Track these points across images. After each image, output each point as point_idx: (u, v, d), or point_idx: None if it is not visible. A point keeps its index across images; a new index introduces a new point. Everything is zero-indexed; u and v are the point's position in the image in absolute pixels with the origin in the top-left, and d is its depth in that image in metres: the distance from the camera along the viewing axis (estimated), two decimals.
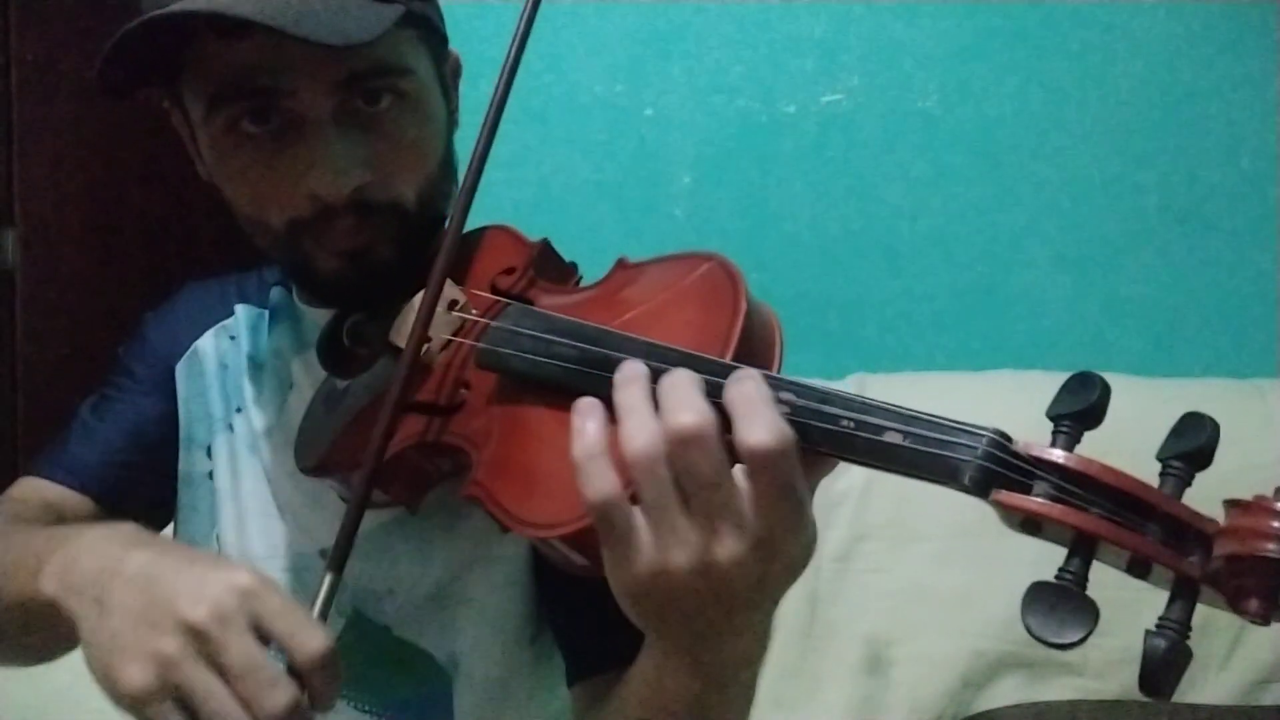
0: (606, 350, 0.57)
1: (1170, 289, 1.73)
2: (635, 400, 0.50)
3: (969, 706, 1.44)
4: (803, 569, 0.51)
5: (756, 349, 0.56)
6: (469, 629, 0.79)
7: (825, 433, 0.50)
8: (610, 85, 1.77)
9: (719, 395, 0.49)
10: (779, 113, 1.76)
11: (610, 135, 1.78)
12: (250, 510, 0.84)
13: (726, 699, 0.57)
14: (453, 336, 0.69)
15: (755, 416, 0.48)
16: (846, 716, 1.44)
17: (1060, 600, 0.46)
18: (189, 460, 0.88)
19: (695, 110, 1.77)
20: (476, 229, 0.79)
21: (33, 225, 1.74)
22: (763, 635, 0.55)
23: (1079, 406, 0.48)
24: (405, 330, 0.69)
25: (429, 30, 0.75)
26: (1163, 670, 0.45)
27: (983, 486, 0.47)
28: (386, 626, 0.80)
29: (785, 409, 0.50)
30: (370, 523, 0.78)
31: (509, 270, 0.73)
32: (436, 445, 0.66)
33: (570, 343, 0.59)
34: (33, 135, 1.71)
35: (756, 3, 1.75)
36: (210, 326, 0.90)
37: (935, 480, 0.48)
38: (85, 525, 0.65)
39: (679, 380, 0.50)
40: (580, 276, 0.76)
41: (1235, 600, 0.45)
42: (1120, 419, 0.50)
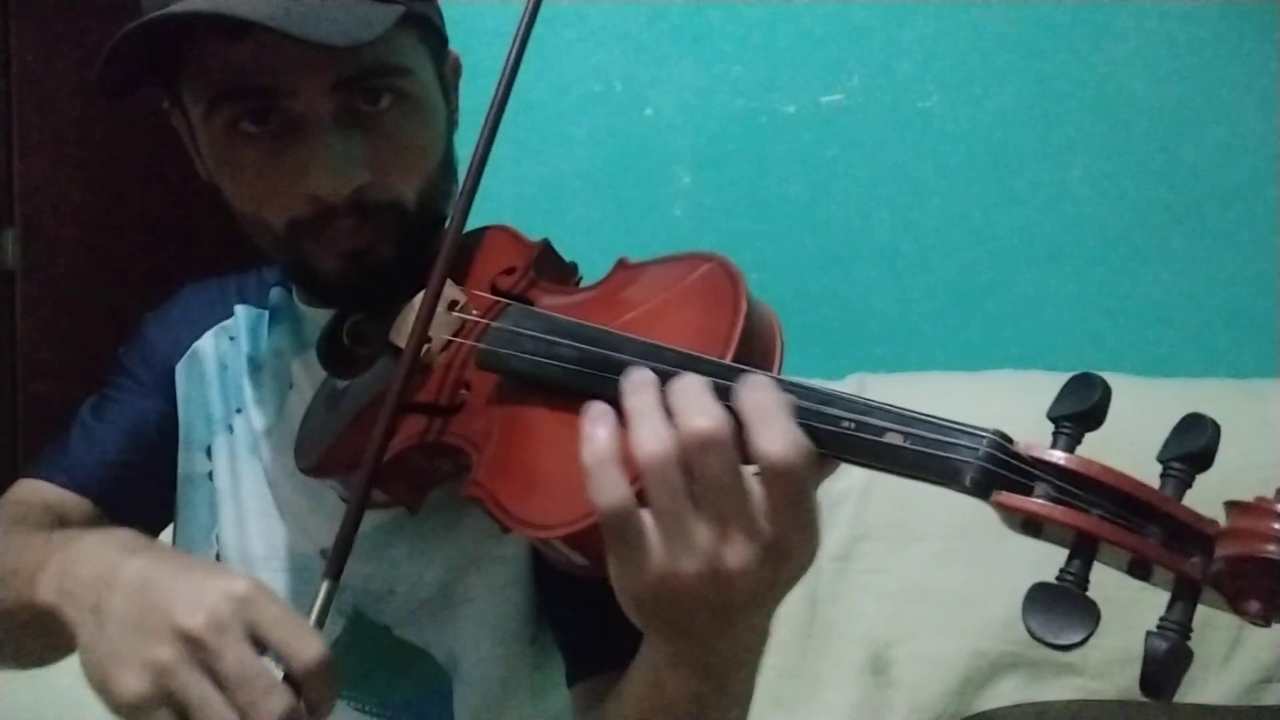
0: (607, 351, 0.57)
1: (1170, 289, 1.72)
2: (647, 405, 0.50)
3: (969, 707, 1.44)
4: (806, 571, 0.51)
5: (757, 349, 0.56)
6: (469, 629, 0.79)
7: (827, 434, 0.50)
8: (610, 85, 1.77)
9: (724, 397, 0.49)
10: (779, 113, 1.76)
11: (610, 135, 1.78)
12: (250, 510, 0.84)
13: (726, 697, 0.57)
14: (453, 337, 0.69)
15: (773, 426, 0.48)
16: (846, 717, 1.44)
17: (1061, 601, 0.46)
18: (188, 461, 0.88)
19: (695, 110, 1.77)
20: (477, 229, 0.79)
21: (33, 225, 1.74)
22: (763, 634, 0.55)
23: (1080, 408, 0.48)
24: (405, 330, 0.69)
25: (429, 30, 0.75)
26: (1164, 671, 0.45)
27: (983, 488, 0.47)
28: (386, 626, 0.80)
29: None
30: (370, 523, 0.78)
31: (509, 270, 0.73)
32: (437, 445, 0.66)
33: (571, 343, 0.59)
34: (33, 135, 1.72)
35: (756, 3, 1.75)
36: (210, 327, 0.90)
37: (936, 481, 0.48)
38: (83, 531, 0.65)
39: (690, 384, 0.50)
40: (580, 277, 0.76)
41: (1236, 601, 0.45)
42: (1120, 419, 0.50)
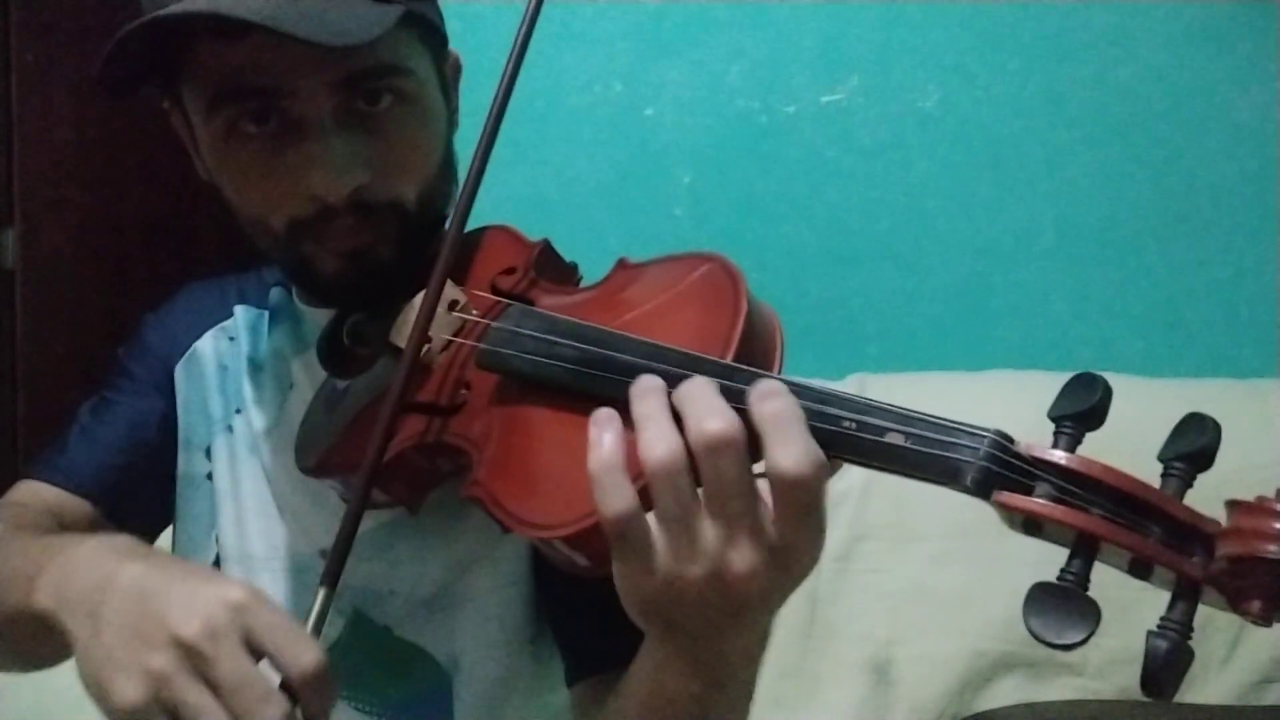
0: (608, 351, 0.57)
1: (1170, 289, 1.72)
2: (654, 410, 0.50)
3: (969, 707, 1.44)
4: (810, 573, 0.51)
5: (757, 350, 0.56)
6: (469, 629, 0.79)
7: (827, 434, 0.50)
8: (610, 85, 1.77)
9: (728, 398, 0.49)
10: (779, 113, 1.76)
11: (610, 135, 1.78)
12: (250, 511, 0.84)
13: (727, 698, 0.57)
14: (453, 337, 0.69)
15: (791, 440, 0.47)
16: (846, 717, 1.44)
17: (1062, 601, 0.46)
18: (188, 461, 0.88)
19: (695, 110, 1.77)
20: (477, 229, 0.79)
21: (33, 225, 1.74)
22: (764, 634, 0.55)
23: (1081, 407, 0.48)
24: (405, 331, 0.69)
25: (429, 30, 0.75)
26: (1165, 671, 0.45)
27: (984, 487, 0.47)
28: (387, 627, 0.80)
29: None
30: (370, 523, 0.78)
31: (509, 270, 0.73)
32: (437, 445, 0.66)
33: (571, 343, 0.59)
34: (33, 135, 1.72)
35: (756, 3, 1.75)
36: (209, 328, 0.90)
37: (937, 481, 0.48)
38: (81, 536, 0.65)
39: (700, 387, 0.49)
40: (581, 277, 0.76)
41: (1237, 601, 0.45)
42: (1120, 419, 0.50)
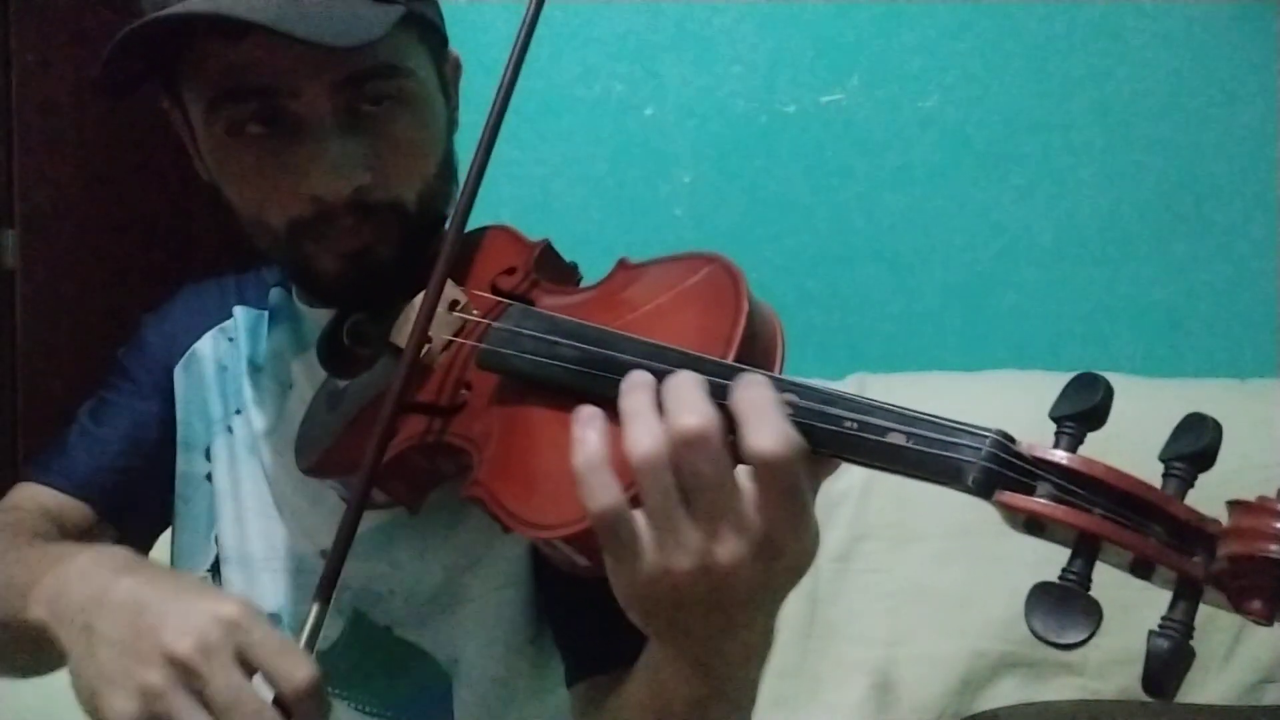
0: (608, 351, 0.57)
1: (1170, 289, 1.72)
2: (640, 406, 0.50)
3: (969, 707, 1.44)
4: (806, 569, 0.51)
5: (758, 350, 0.56)
6: (469, 629, 0.79)
7: (829, 434, 0.50)
8: (610, 85, 1.77)
9: (723, 397, 0.49)
10: (779, 113, 1.76)
11: (610, 135, 1.78)
12: (250, 511, 0.84)
13: (728, 700, 0.57)
14: (454, 337, 0.69)
15: (763, 423, 0.48)
16: (846, 717, 1.44)
17: (1064, 601, 0.46)
18: (187, 462, 0.88)
19: (695, 110, 1.76)
20: (477, 229, 0.79)
21: (33, 225, 1.74)
22: (765, 635, 0.55)
23: (1082, 407, 0.48)
24: (406, 331, 0.69)
25: (429, 30, 0.75)
26: (1166, 670, 0.45)
27: (986, 487, 0.47)
28: (387, 627, 0.80)
29: (788, 411, 0.50)
30: (371, 523, 0.78)
31: (510, 270, 0.73)
32: (437, 446, 0.66)
33: (572, 343, 0.59)
34: (33, 135, 1.71)
35: (756, 3, 1.75)
36: (209, 328, 0.90)
37: (938, 481, 0.48)
38: (77, 547, 0.65)
39: (682, 382, 0.50)
40: (581, 277, 0.76)
41: (1238, 601, 0.45)
42: (1121, 419, 0.50)
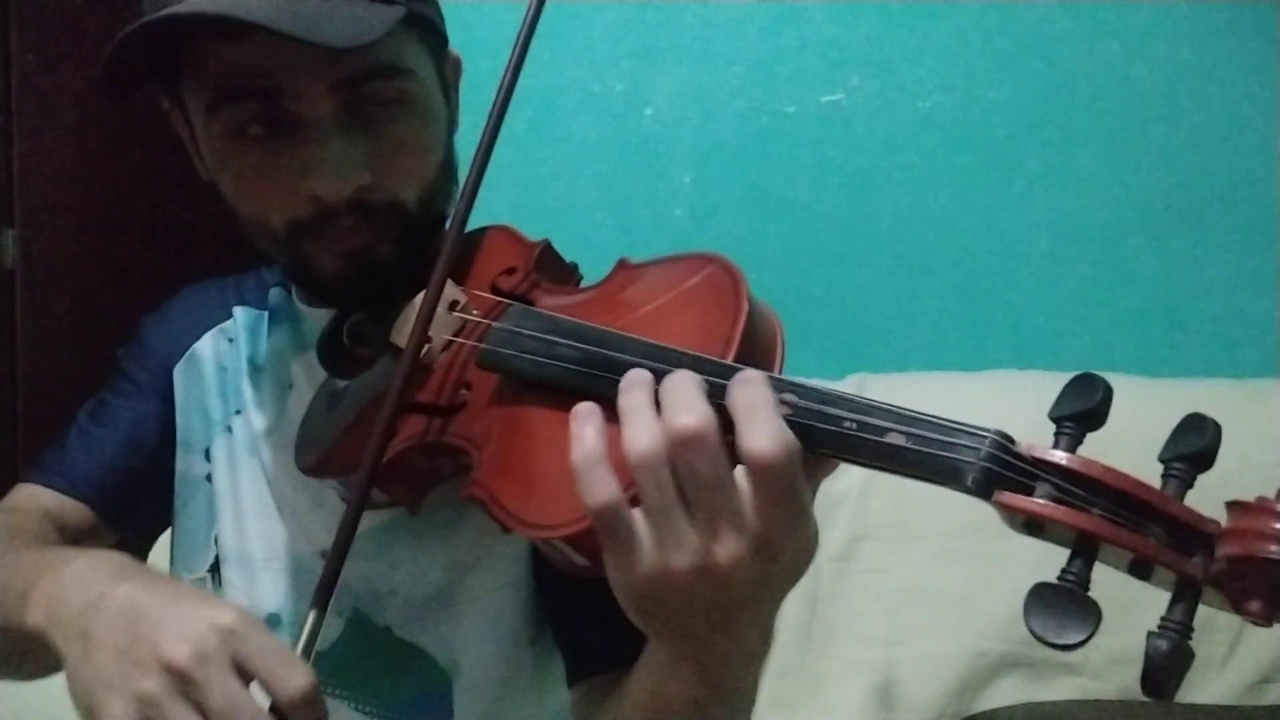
0: (608, 351, 0.57)
1: (1170, 289, 1.73)
2: (638, 404, 0.50)
3: (969, 707, 1.44)
4: (805, 569, 0.51)
5: (758, 350, 0.56)
6: (469, 629, 0.79)
7: (828, 434, 0.50)
8: (610, 85, 1.77)
9: (722, 397, 0.49)
10: (779, 113, 1.76)
11: (610, 135, 1.78)
12: (249, 512, 0.84)
13: (728, 700, 0.57)
14: (454, 337, 0.69)
15: (758, 423, 0.48)
16: (846, 717, 1.44)
17: (1063, 601, 0.46)
18: (187, 463, 0.88)
19: (695, 110, 1.77)
20: (477, 229, 0.79)
21: (33, 225, 1.74)
22: (765, 635, 0.55)
23: (1081, 408, 0.48)
24: (406, 330, 0.69)
25: (429, 31, 0.75)
26: (1165, 671, 0.45)
27: (985, 488, 0.47)
28: (387, 627, 0.80)
29: (787, 410, 0.50)
30: (370, 523, 0.78)
31: (510, 271, 0.73)
32: (437, 446, 0.66)
33: (572, 344, 0.59)
34: (33, 135, 1.72)
35: (756, 3, 1.75)
36: (208, 329, 0.90)
37: (937, 481, 0.48)
38: (75, 552, 0.65)
39: (680, 381, 0.50)
40: (581, 277, 0.76)
41: (1237, 601, 0.45)
42: (1120, 419, 0.50)
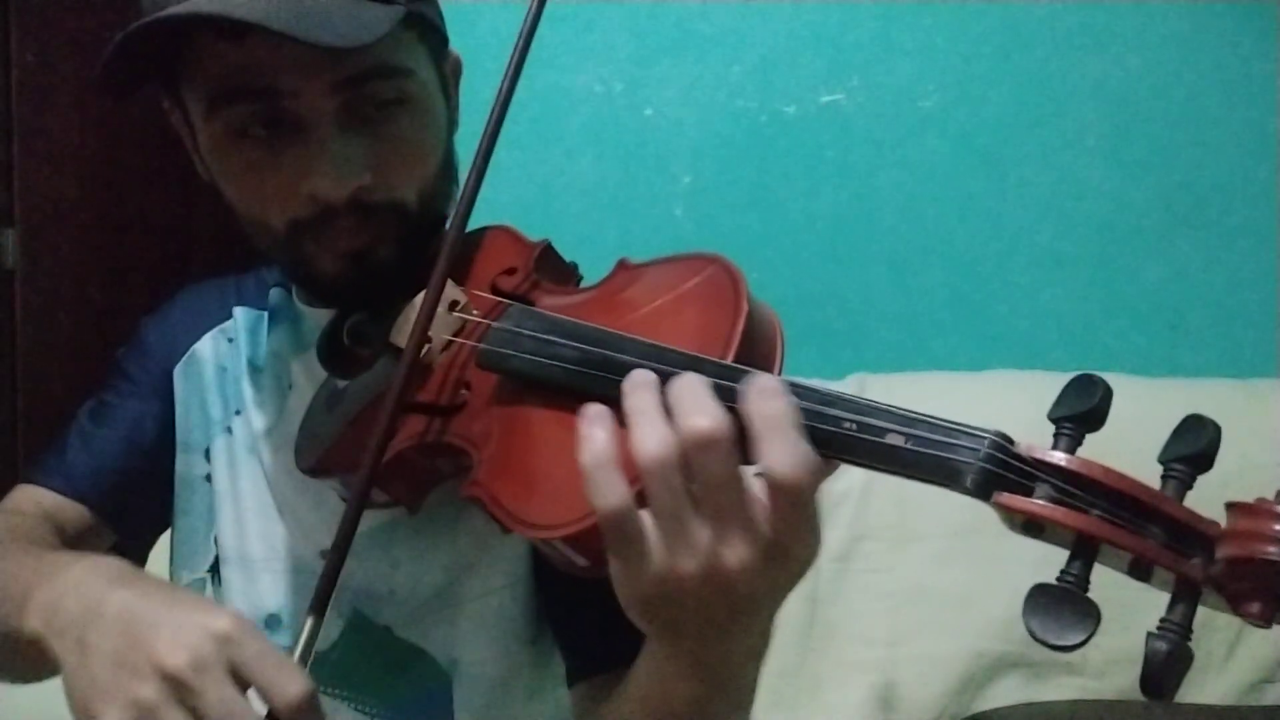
0: (608, 352, 0.57)
1: (1170, 289, 1.73)
2: (646, 405, 0.50)
3: (969, 707, 1.44)
4: (809, 569, 0.51)
5: (758, 351, 0.56)
6: (469, 629, 0.79)
7: (828, 435, 0.50)
8: (610, 85, 1.77)
9: (726, 398, 0.49)
10: (779, 113, 1.76)
11: (610, 135, 1.78)
12: (249, 512, 0.84)
13: (728, 699, 0.57)
14: (454, 337, 0.69)
15: (784, 442, 0.47)
16: (846, 717, 1.44)
17: (1062, 602, 0.46)
18: (186, 463, 0.88)
19: (695, 110, 1.77)
20: (477, 229, 0.79)
21: (33, 225, 1.74)
22: (765, 633, 0.55)
23: (1081, 409, 0.48)
24: (406, 331, 0.69)
25: (429, 31, 0.75)
26: (1164, 672, 0.45)
27: (984, 489, 0.47)
28: (387, 627, 0.80)
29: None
30: (371, 523, 0.78)
31: (510, 271, 0.73)
32: (437, 446, 0.66)
33: (571, 344, 0.59)
34: (33, 135, 1.72)
35: (756, 3, 1.75)
36: (208, 329, 0.90)
37: (937, 482, 0.48)
38: (72, 556, 0.65)
39: (690, 384, 0.49)
40: (581, 277, 0.76)
41: (1237, 603, 0.45)
42: (1120, 419, 0.50)
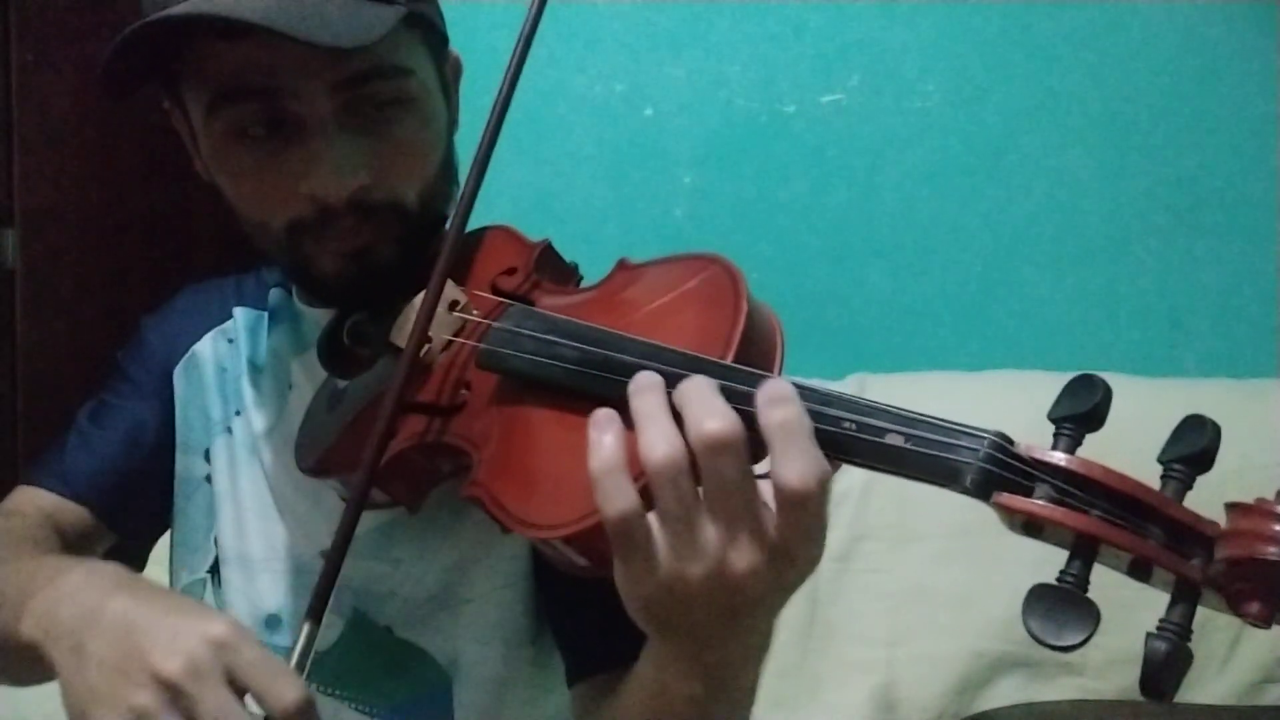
0: (608, 351, 0.57)
1: (1170, 289, 1.73)
2: (653, 408, 0.49)
3: (969, 707, 1.44)
4: (812, 571, 0.51)
5: (757, 351, 0.56)
6: (469, 629, 0.79)
7: (828, 435, 0.50)
8: (610, 85, 1.77)
9: (728, 399, 0.49)
10: (779, 113, 1.76)
11: (610, 135, 1.78)
12: (249, 512, 0.84)
13: (729, 699, 0.57)
14: (454, 337, 0.69)
15: (797, 453, 0.47)
16: (846, 717, 1.44)
17: (1061, 603, 0.46)
18: (186, 464, 0.88)
19: (695, 110, 1.77)
20: (477, 229, 0.79)
21: (33, 225, 1.74)
22: (767, 636, 0.55)
23: (1081, 409, 0.48)
24: (406, 330, 0.69)
25: (429, 31, 0.75)
26: (1164, 673, 0.45)
27: (984, 489, 0.47)
28: (387, 627, 0.80)
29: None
30: (371, 523, 0.78)
31: (510, 271, 0.73)
32: (437, 445, 0.66)
33: (571, 344, 0.59)
34: (33, 135, 1.71)
35: (756, 3, 1.75)
36: (208, 330, 0.90)
37: (937, 482, 0.48)
38: (70, 562, 0.65)
39: (700, 386, 0.49)
40: (581, 277, 0.76)
41: (1236, 603, 0.45)
42: (1120, 419, 0.50)
